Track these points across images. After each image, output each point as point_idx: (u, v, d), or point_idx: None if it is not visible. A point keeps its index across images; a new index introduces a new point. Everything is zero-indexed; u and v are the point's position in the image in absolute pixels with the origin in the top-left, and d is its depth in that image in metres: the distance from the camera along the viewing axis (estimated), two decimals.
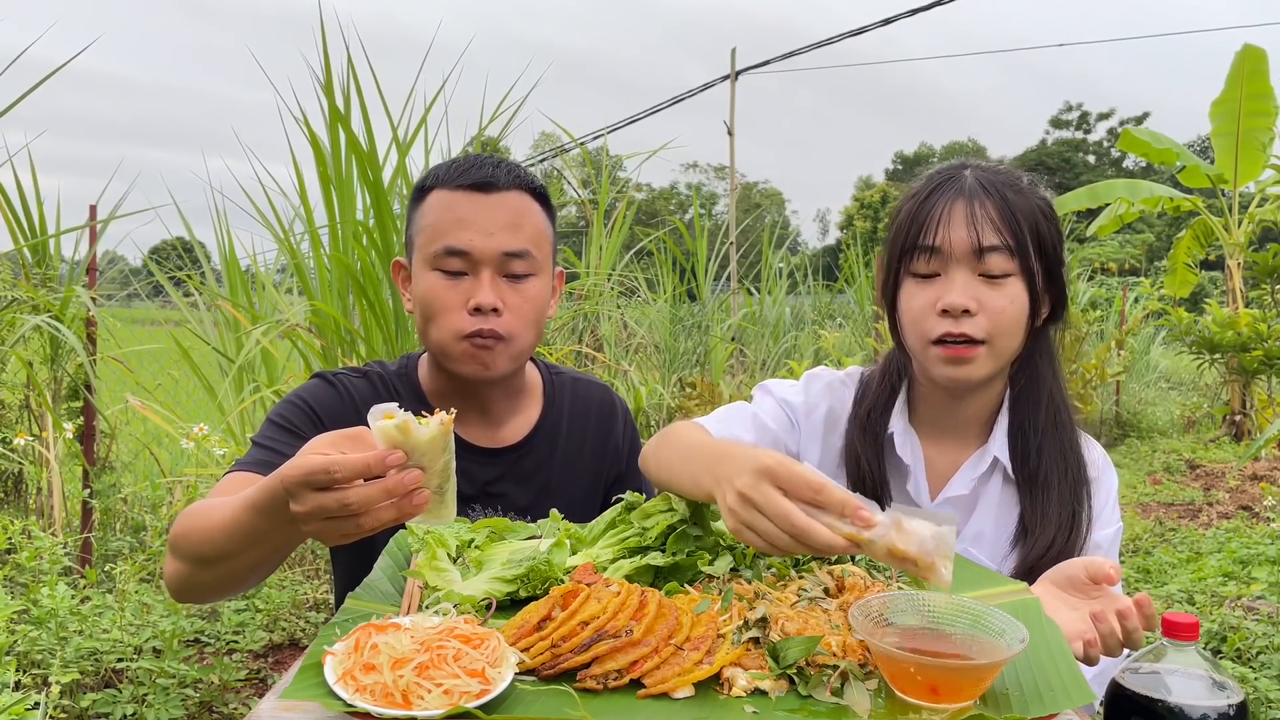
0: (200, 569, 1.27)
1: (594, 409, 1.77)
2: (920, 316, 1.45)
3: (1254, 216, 10.81)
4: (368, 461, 0.98)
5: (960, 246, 1.41)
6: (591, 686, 0.93)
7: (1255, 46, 10.49)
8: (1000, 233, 1.40)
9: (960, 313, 1.40)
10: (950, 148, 69.15)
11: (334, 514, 1.00)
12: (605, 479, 1.76)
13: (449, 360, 1.54)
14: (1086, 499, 1.50)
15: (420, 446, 1.00)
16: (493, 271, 1.50)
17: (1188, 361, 11.71)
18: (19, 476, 4.38)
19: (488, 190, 1.51)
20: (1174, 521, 6.30)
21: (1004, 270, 1.41)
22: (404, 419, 1.00)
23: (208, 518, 1.23)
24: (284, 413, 1.55)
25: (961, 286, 1.41)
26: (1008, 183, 1.45)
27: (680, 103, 13.84)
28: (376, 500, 0.99)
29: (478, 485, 1.62)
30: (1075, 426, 1.55)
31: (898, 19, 12.05)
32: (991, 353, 1.43)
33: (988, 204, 1.41)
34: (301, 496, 1.01)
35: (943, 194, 1.44)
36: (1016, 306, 1.42)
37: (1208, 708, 0.85)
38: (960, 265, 1.42)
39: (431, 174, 1.57)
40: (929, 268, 1.44)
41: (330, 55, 4.04)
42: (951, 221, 1.41)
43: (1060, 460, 1.50)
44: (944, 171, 1.49)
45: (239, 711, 3.11)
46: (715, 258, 7.70)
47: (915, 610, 1.01)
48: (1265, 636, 3.34)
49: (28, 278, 4.42)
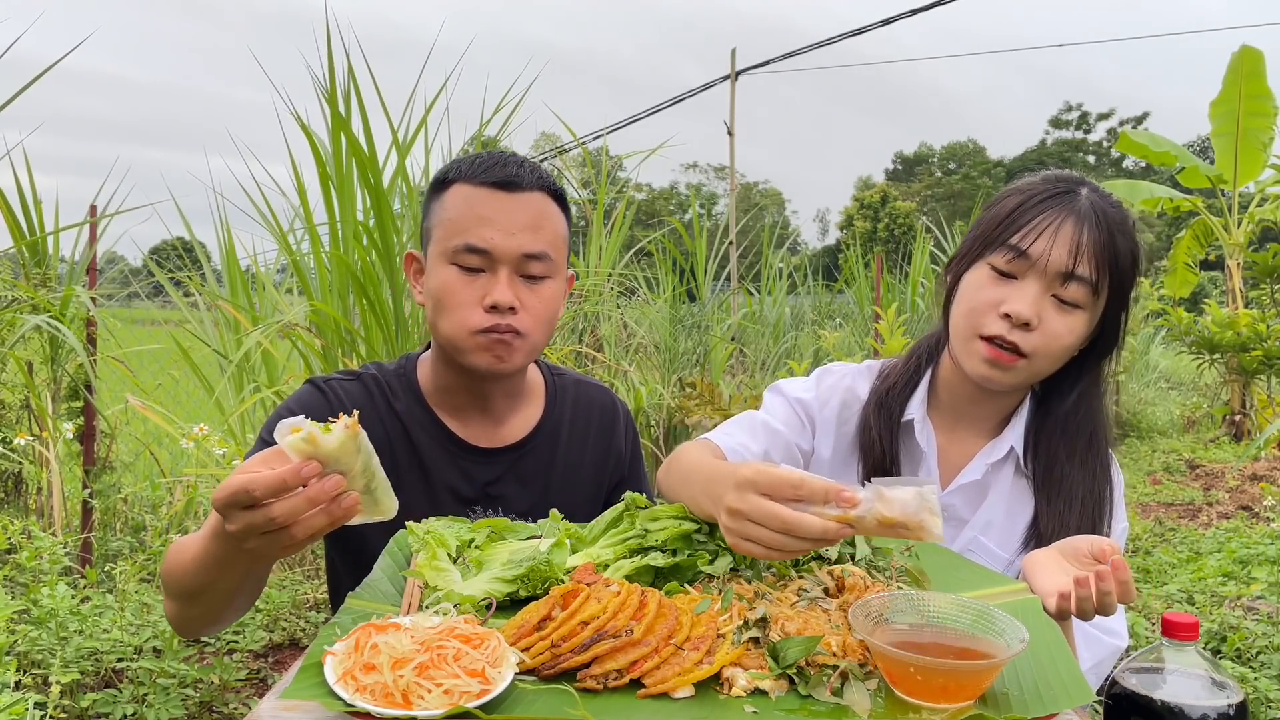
0: (186, 604, 1.30)
1: (596, 412, 1.77)
2: (980, 308, 1.45)
3: (1254, 216, 10.81)
4: (283, 477, 1.00)
5: (1055, 264, 1.41)
6: (591, 686, 0.93)
7: (1252, 48, 10.51)
8: (1093, 267, 1.41)
9: (1021, 323, 1.41)
10: (950, 148, 69.17)
11: (264, 529, 1.02)
12: (607, 484, 1.76)
13: (461, 353, 1.51)
14: (1108, 519, 1.52)
15: (331, 454, 1.02)
16: (510, 271, 1.49)
17: (1188, 361, 11.71)
18: (19, 476, 4.38)
19: (511, 189, 1.49)
20: (1174, 521, 6.30)
21: (1077, 301, 1.42)
22: (309, 430, 1.02)
23: (183, 553, 1.26)
24: (274, 428, 1.54)
25: (1033, 299, 1.41)
26: (1118, 221, 1.44)
27: (680, 103, 13.85)
28: (301, 511, 1.01)
29: (478, 486, 1.61)
30: (1110, 450, 1.57)
31: (898, 19, 12.06)
32: (1030, 368, 1.45)
33: (1096, 234, 1.41)
34: (231, 516, 1.03)
35: (1056, 205, 1.43)
36: (1073, 338, 1.44)
37: (1207, 708, 0.85)
38: (1040, 279, 1.42)
39: (454, 167, 1.55)
40: (1010, 267, 1.44)
41: (331, 56, 4.05)
42: (1057, 237, 1.41)
43: (1089, 479, 1.52)
44: (1062, 181, 1.49)
45: (239, 711, 3.11)
46: (715, 258, 7.70)
47: (915, 610, 1.01)
48: (1265, 636, 3.34)
49: (28, 277, 4.42)
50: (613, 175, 6.58)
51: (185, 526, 4.08)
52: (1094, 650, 1.44)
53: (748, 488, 1.05)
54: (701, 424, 5.45)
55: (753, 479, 1.05)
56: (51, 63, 4.03)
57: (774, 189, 64.63)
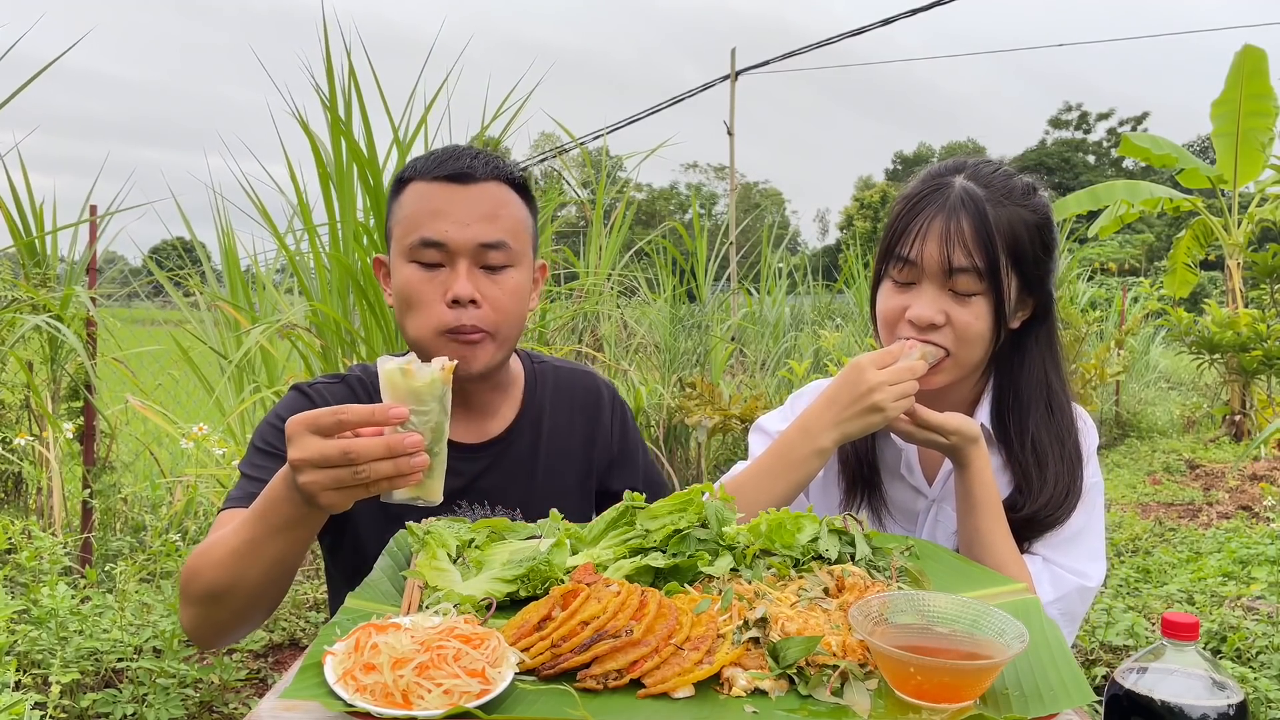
0: (212, 606, 1.30)
1: (579, 396, 1.75)
2: (891, 321, 1.52)
3: (1254, 216, 10.82)
4: (373, 410, 1.03)
5: (931, 264, 1.46)
6: (591, 686, 0.93)
7: (1255, 47, 10.50)
8: (971, 255, 1.44)
9: (926, 325, 1.46)
10: (950, 147, 69.12)
11: (334, 462, 1.03)
12: (596, 467, 1.73)
13: (428, 354, 1.51)
14: (1080, 476, 1.55)
15: (419, 390, 1.05)
16: (469, 263, 1.48)
17: (1187, 361, 11.71)
18: (19, 477, 4.38)
19: (465, 181, 1.49)
20: (1174, 521, 6.30)
21: (971, 290, 1.46)
22: (406, 361, 1.07)
23: (211, 552, 1.27)
24: (265, 436, 1.53)
25: (930, 300, 1.46)
26: (996, 194, 1.46)
27: (680, 103, 13.83)
28: (377, 453, 1.03)
29: (466, 479, 1.61)
30: (1070, 410, 1.59)
31: (897, 19, 12.05)
32: (955, 363, 1.49)
33: (966, 222, 1.44)
34: (303, 442, 1.04)
35: (927, 205, 1.48)
36: (981, 323, 1.47)
37: (1207, 708, 0.85)
38: (931, 280, 1.47)
39: (410, 166, 1.55)
40: (904, 276, 1.50)
41: (329, 57, 4.04)
42: (927, 238, 1.46)
43: (1056, 443, 1.55)
44: (936, 177, 1.52)
45: (239, 711, 3.11)
46: (715, 258, 7.69)
47: (915, 610, 1.01)
48: (1265, 636, 3.34)
49: (28, 277, 4.42)
50: (613, 175, 6.57)
51: (185, 527, 4.08)
52: (1059, 586, 1.48)
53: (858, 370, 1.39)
54: (701, 424, 5.45)
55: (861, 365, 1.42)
56: (48, 62, 4.03)
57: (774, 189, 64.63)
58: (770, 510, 1.25)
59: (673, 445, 6.01)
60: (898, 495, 1.65)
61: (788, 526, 1.23)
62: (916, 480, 1.62)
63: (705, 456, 5.94)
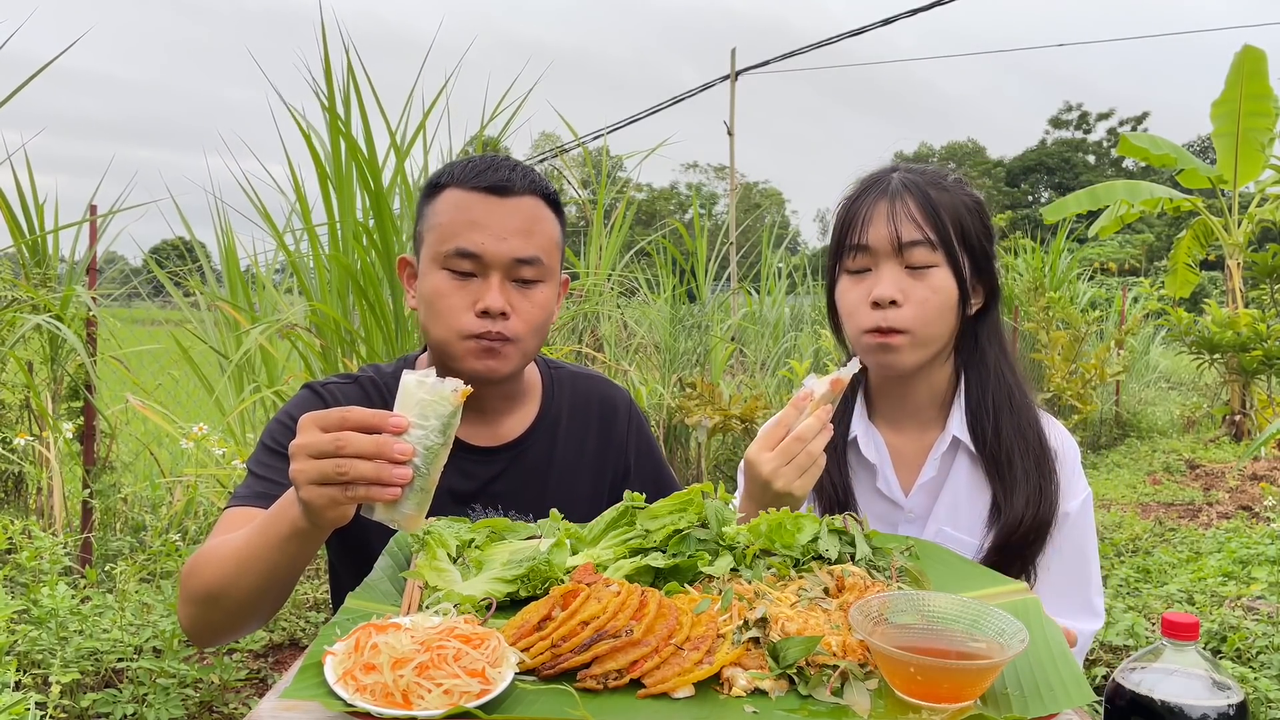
0: (209, 607, 1.30)
1: (595, 405, 1.76)
2: (854, 310, 1.54)
3: (1254, 216, 10.82)
4: (376, 413, 1.05)
5: (882, 242, 1.50)
6: (591, 686, 0.93)
7: (1255, 47, 10.51)
8: (921, 227, 1.49)
9: (888, 304, 1.49)
10: (950, 147, 69.15)
11: (324, 451, 1.04)
12: (610, 477, 1.74)
13: (452, 358, 1.52)
14: (1052, 472, 1.55)
15: (425, 403, 1.06)
16: (502, 276, 1.49)
17: (1188, 361, 11.71)
18: (19, 477, 4.38)
19: (503, 194, 1.49)
20: (1174, 521, 6.30)
21: (927, 262, 1.49)
22: (426, 375, 1.09)
23: (213, 554, 1.28)
24: (275, 434, 1.53)
25: (888, 280, 1.50)
26: (931, 181, 1.54)
27: (680, 103, 13.86)
28: (363, 449, 1.03)
29: (478, 483, 1.61)
30: (1031, 405, 1.61)
31: (897, 19, 12.06)
32: (916, 341, 1.51)
33: (909, 201, 1.50)
34: (306, 430, 1.07)
35: (869, 194, 1.53)
36: (941, 296, 1.50)
37: (1208, 708, 0.85)
38: (887, 260, 1.50)
39: (447, 171, 1.55)
40: (859, 264, 1.53)
41: (328, 56, 4.05)
42: (874, 221, 1.50)
43: (1020, 439, 1.56)
44: (874, 175, 1.59)
45: (239, 711, 3.11)
46: (715, 258, 7.69)
47: (915, 610, 1.01)
48: (1265, 636, 3.34)
49: (28, 277, 4.42)
50: (613, 175, 6.57)
51: (185, 526, 4.08)
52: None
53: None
54: (701, 424, 5.45)
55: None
56: (47, 61, 4.03)
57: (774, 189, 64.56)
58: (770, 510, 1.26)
59: (673, 445, 6.02)
60: (875, 509, 1.64)
61: (788, 526, 1.23)
62: (894, 493, 1.62)
63: (705, 456, 5.95)
